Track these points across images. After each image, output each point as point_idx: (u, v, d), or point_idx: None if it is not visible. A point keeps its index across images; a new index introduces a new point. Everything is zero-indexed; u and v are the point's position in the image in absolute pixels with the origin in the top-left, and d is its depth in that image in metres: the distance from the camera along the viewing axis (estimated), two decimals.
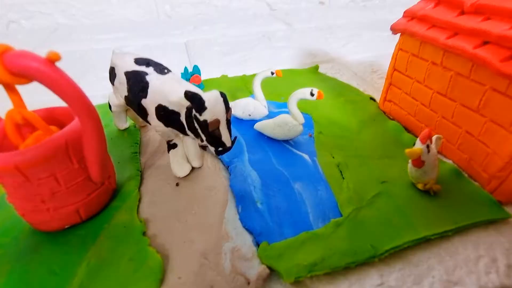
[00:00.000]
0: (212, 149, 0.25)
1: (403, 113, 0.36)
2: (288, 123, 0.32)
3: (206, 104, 0.22)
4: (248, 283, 0.20)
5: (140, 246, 0.21)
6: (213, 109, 0.23)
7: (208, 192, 0.28)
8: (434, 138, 0.27)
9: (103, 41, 0.69)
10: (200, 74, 0.44)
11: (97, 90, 0.44)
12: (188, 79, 0.43)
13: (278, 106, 0.40)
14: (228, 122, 0.25)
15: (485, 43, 0.25)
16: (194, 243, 0.22)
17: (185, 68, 0.44)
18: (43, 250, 0.21)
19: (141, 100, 0.26)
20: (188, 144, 0.29)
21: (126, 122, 0.34)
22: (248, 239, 0.23)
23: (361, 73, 0.53)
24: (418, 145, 0.23)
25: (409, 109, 0.35)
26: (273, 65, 0.56)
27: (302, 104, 0.40)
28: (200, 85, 0.44)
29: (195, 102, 0.22)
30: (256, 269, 0.20)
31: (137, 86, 0.26)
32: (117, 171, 0.28)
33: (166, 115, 0.25)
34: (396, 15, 0.36)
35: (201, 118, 0.23)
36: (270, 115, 0.37)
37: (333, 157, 0.31)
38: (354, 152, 0.32)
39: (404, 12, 0.34)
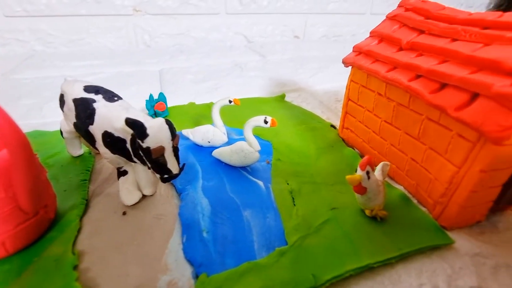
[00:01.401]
0: (157, 176, 0.24)
1: (359, 140, 0.37)
2: (244, 150, 0.32)
3: (148, 131, 0.22)
4: None
5: (66, 281, 0.20)
6: (156, 136, 0.23)
7: (156, 221, 0.27)
8: (381, 164, 0.28)
9: (77, 68, 0.69)
10: (165, 101, 0.45)
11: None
12: (152, 106, 0.44)
13: (240, 133, 0.41)
14: (175, 149, 0.25)
15: (418, 76, 0.27)
16: (129, 277, 0.21)
17: (151, 95, 0.44)
18: None
19: (88, 126, 0.26)
20: (139, 171, 0.29)
21: (80, 148, 0.34)
22: (187, 271, 0.22)
23: (326, 102, 0.55)
24: (359, 172, 0.24)
25: (363, 136, 0.36)
26: (243, 93, 0.57)
27: (263, 131, 0.41)
28: (165, 112, 0.44)
29: (137, 129, 0.22)
30: None
31: (84, 112, 0.26)
32: (62, 199, 0.27)
33: (112, 142, 0.25)
34: None
35: (144, 145, 0.23)
36: (231, 142, 0.37)
37: (288, 184, 0.31)
38: (309, 179, 0.32)
39: (353, 47, 0.36)
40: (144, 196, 0.29)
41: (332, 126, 0.44)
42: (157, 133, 0.23)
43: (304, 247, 0.23)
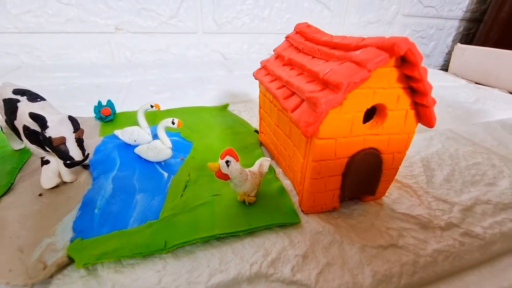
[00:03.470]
0: (57, 160, 0.30)
1: (268, 142, 0.43)
2: (157, 147, 0.38)
3: (49, 124, 0.28)
4: (44, 268, 0.23)
5: None
6: (56, 128, 0.29)
7: (65, 201, 0.32)
8: (260, 159, 0.33)
9: (53, 79, 0.77)
10: (113, 108, 0.51)
11: None
12: (99, 111, 0.50)
13: (169, 135, 0.46)
14: (79, 140, 0.31)
15: (283, 86, 0.32)
16: (18, 239, 0.26)
17: (99, 102, 0.51)
18: None
19: (13, 122, 0.32)
20: (59, 161, 0.34)
21: (21, 143, 0.40)
22: (68, 236, 0.27)
23: None
24: (219, 161, 0.29)
25: (269, 139, 0.42)
26: (194, 103, 0.63)
27: (191, 134, 0.46)
28: (110, 116, 0.50)
29: (38, 122, 0.28)
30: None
31: (9, 110, 0.32)
32: None
33: (29, 134, 0.31)
34: None
35: (47, 134, 0.29)
36: None
37: (189, 175, 0.36)
38: (210, 172, 0.37)
39: (261, 62, 0.42)
40: (65, 183, 0.35)
41: (256, 131, 0.49)
42: (57, 125, 0.29)
43: (171, 222, 0.28)
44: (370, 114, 0.29)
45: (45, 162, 0.34)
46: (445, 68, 1.44)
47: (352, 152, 0.28)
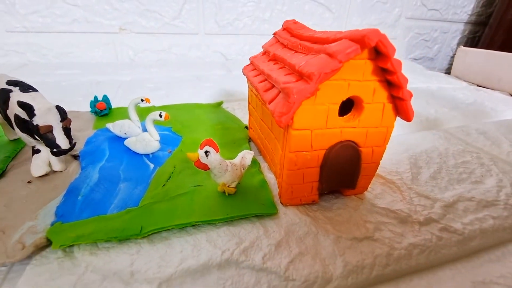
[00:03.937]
0: (48, 149, 0.31)
1: (256, 137, 0.43)
2: (145, 139, 0.39)
3: (36, 112, 0.29)
4: (23, 249, 0.24)
5: None
6: (43, 116, 0.30)
7: (52, 188, 0.33)
8: (242, 152, 0.34)
9: (55, 75, 0.79)
10: (107, 102, 0.53)
11: None
12: (95, 105, 0.51)
13: (161, 130, 0.47)
14: (66, 129, 0.32)
15: (265, 79, 0.33)
16: (3, 221, 0.27)
17: (95, 97, 0.52)
18: None
19: (6, 111, 0.33)
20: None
21: (16, 134, 0.41)
22: (49, 220, 0.27)
23: None
24: (198, 151, 0.29)
25: (256, 133, 0.42)
26: (189, 100, 0.64)
27: (182, 128, 0.47)
28: (105, 111, 0.52)
29: (26, 109, 0.29)
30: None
31: (2, 100, 0.33)
32: None
33: (20, 122, 0.32)
34: None
35: (34, 122, 0.30)
36: None
37: (174, 167, 0.37)
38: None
39: (249, 58, 0.43)
40: (54, 172, 0.36)
41: (246, 127, 0.50)
42: (44, 113, 0.30)
43: (149, 209, 0.29)
44: (350, 108, 0.29)
45: (36, 151, 0.35)
46: (449, 71, 1.42)
47: (329, 144, 0.28)
